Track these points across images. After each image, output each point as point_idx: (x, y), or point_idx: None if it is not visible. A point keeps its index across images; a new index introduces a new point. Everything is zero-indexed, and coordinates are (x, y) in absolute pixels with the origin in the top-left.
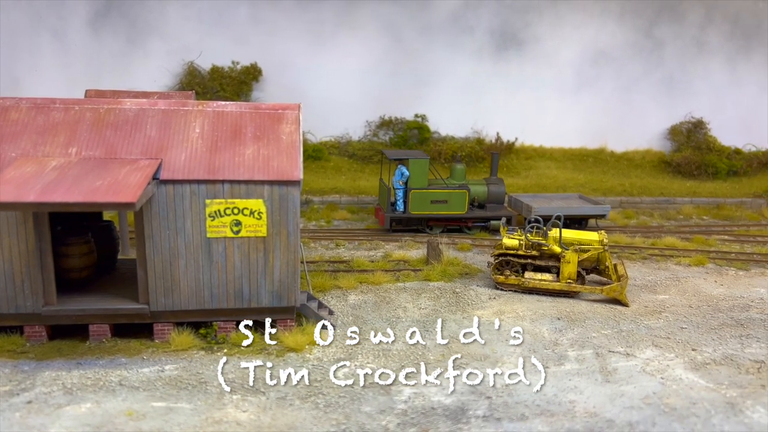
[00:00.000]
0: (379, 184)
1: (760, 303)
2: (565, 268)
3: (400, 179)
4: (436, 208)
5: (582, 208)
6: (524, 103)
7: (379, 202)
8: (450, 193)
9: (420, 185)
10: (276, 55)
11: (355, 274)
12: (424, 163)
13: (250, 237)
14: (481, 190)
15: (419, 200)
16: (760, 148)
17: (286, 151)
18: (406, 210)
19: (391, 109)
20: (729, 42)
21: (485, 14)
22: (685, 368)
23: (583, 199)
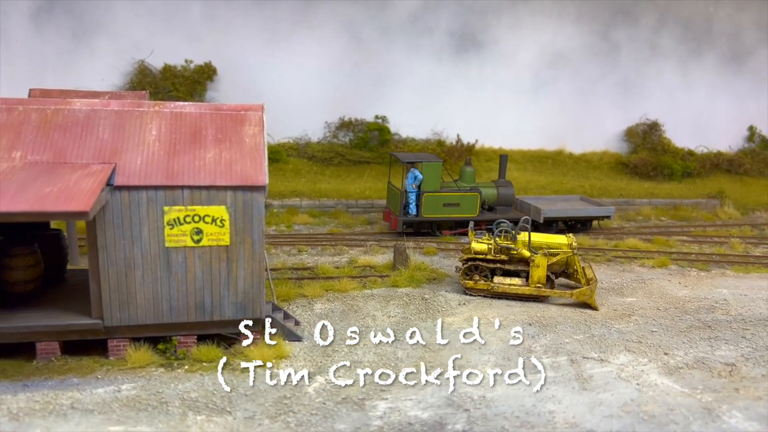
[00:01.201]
0: (387, 187)
1: (724, 304)
2: (535, 272)
3: (413, 182)
4: (449, 211)
5: (588, 209)
6: (484, 105)
7: (388, 205)
8: (462, 196)
9: (433, 188)
10: (231, 54)
11: (320, 281)
12: (437, 166)
13: (212, 246)
14: (490, 193)
15: (432, 203)
16: (711, 149)
17: (249, 154)
18: (418, 213)
19: (351, 110)
20: (681, 45)
21: (444, 15)
22: (660, 373)
23: (585, 201)
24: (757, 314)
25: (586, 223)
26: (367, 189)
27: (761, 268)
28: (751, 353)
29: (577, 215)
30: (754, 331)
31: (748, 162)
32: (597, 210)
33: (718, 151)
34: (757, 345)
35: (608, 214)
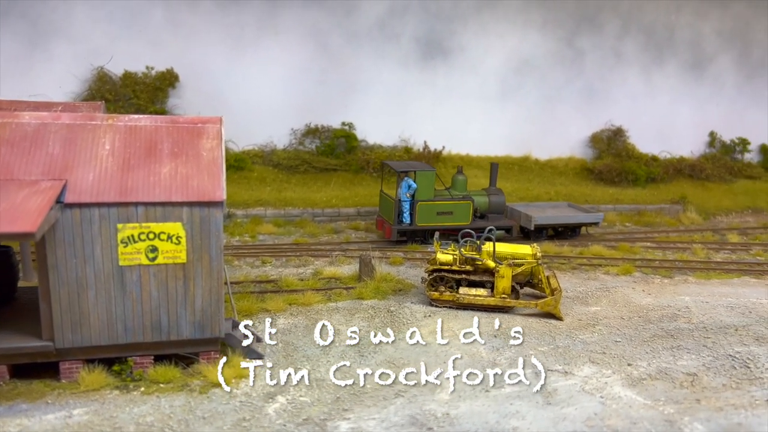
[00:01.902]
0: (380, 196)
1: (686, 312)
2: (500, 282)
3: (407, 191)
4: (442, 220)
5: (577, 216)
6: (451, 112)
7: (381, 213)
8: (455, 205)
9: (426, 197)
10: (194, 60)
11: (283, 294)
12: (430, 175)
13: (167, 264)
14: (482, 201)
15: (426, 212)
16: (674, 155)
17: (207, 168)
18: (412, 222)
19: (318, 117)
20: (644, 52)
21: (411, 22)
22: (623, 385)
23: (573, 207)
24: (718, 322)
25: (575, 230)
26: (333, 197)
27: (722, 274)
28: (712, 362)
29: (567, 222)
30: (715, 340)
31: (709, 167)
32: (586, 216)
33: (680, 156)
34: (718, 354)
35: (597, 220)
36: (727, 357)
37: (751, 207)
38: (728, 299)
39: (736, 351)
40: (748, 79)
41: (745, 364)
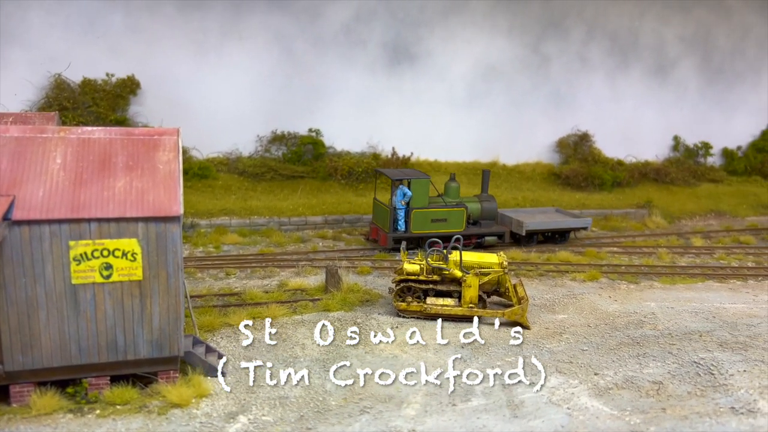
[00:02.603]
0: (373, 204)
1: (652, 318)
2: (467, 292)
3: (402, 199)
4: (436, 227)
5: (566, 221)
6: (419, 118)
7: (375, 221)
8: (449, 212)
9: (421, 204)
10: (156, 67)
11: (247, 308)
12: (425, 183)
13: (123, 281)
14: (475, 207)
15: (421, 219)
16: (639, 159)
17: (163, 182)
18: (407, 229)
19: (284, 123)
20: (609, 58)
21: (377, 27)
22: (590, 395)
23: (560, 213)
24: (683, 328)
25: (564, 235)
26: (300, 205)
27: (686, 279)
28: (677, 369)
29: (557, 227)
30: (680, 346)
31: (673, 171)
32: (575, 222)
33: (645, 160)
34: (683, 360)
35: (585, 225)
36: (692, 364)
37: (714, 210)
38: (693, 304)
39: (700, 357)
40: (710, 84)
41: (709, 370)
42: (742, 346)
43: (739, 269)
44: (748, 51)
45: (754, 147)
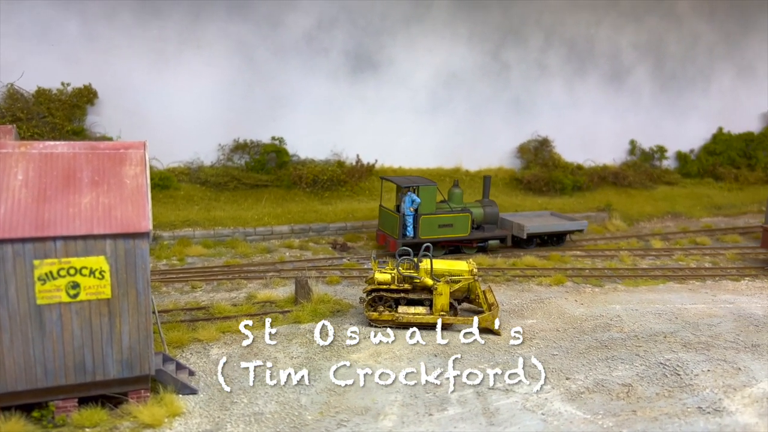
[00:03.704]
0: (379, 211)
1: (618, 321)
2: (438, 300)
3: (411, 206)
4: (443, 232)
5: (564, 224)
6: (382, 125)
7: (381, 227)
8: (455, 217)
9: (429, 210)
10: (113, 76)
11: (216, 322)
12: (432, 190)
13: (91, 300)
14: (478, 212)
15: (428, 225)
16: (598, 163)
17: (131, 197)
18: (416, 235)
19: (246, 132)
20: (566, 65)
21: (339, 36)
22: (563, 400)
23: (556, 216)
24: (648, 329)
25: (561, 238)
26: (265, 215)
27: (648, 281)
28: (645, 371)
29: (556, 230)
30: (646, 348)
31: (631, 174)
32: (572, 224)
33: (604, 164)
34: (650, 362)
35: (582, 227)
36: (659, 365)
37: (670, 212)
38: (656, 306)
39: (666, 359)
40: (663, 90)
41: (675, 371)
42: (704, 345)
43: (697, 270)
44: (698, 58)
45: (706, 150)
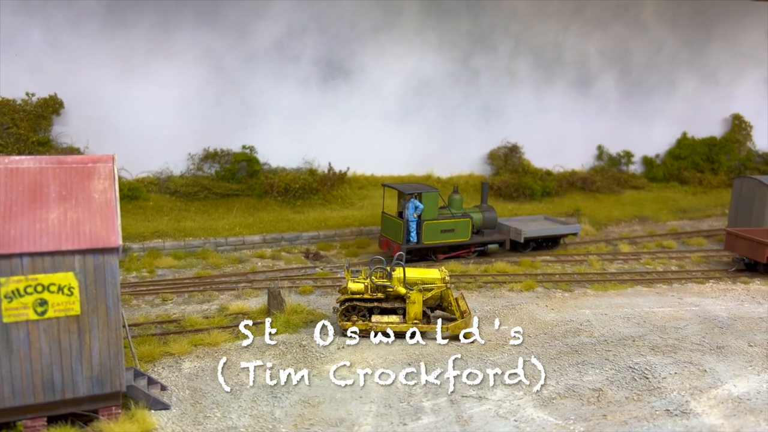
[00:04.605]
0: (381, 217)
1: (587, 326)
2: (411, 308)
3: (414, 212)
4: (445, 237)
5: (559, 228)
6: (353, 132)
7: (384, 233)
8: (456, 222)
9: (431, 216)
10: (80, 85)
11: (187, 335)
12: (435, 196)
13: (59, 317)
14: (477, 217)
15: (431, 230)
16: (566, 169)
17: (99, 212)
18: (419, 240)
19: (216, 141)
20: (535, 72)
21: (310, 43)
22: (535, 406)
23: (550, 220)
24: (617, 333)
25: (556, 241)
26: (237, 224)
27: (617, 285)
28: (615, 375)
29: (551, 233)
30: (615, 352)
31: (599, 179)
32: (566, 228)
33: (572, 170)
34: (620, 366)
35: (576, 231)
36: (628, 369)
37: (637, 216)
38: (624, 310)
39: (635, 362)
40: (629, 96)
41: (644, 375)
42: (671, 348)
43: (664, 273)
44: (662, 64)
45: (671, 154)
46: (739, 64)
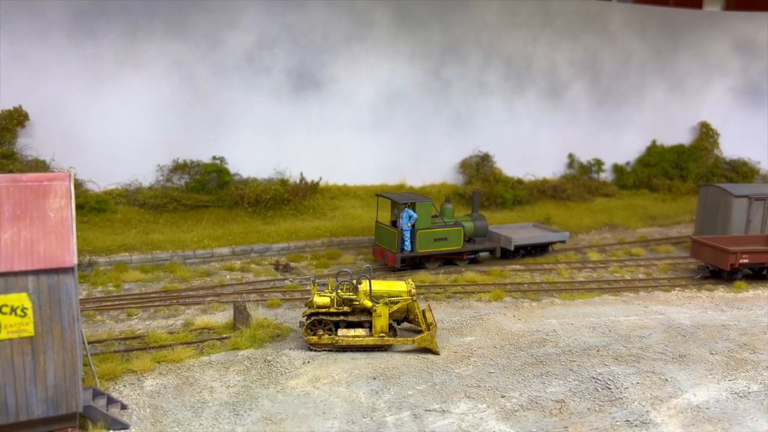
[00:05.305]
0: (376, 226)
1: (553, 336)
2: (377, 321)
3: (408, 221)
4: (438, 245)
5: (548, 235)
6: (326, 143)
7: (379, 242)
8: (449, 231)
9: (425, 225)
10: (46, 97)
11: (151, 351)
12: (428, 206)
13: (12, 339)
14: (469, 226)
15: (425, 239)
16: (538, 177)
17: (54, 231)
18: (413, 249)
19: (186, 152)
20: (505, 82)
21: (281, 54)
22: (497, 418)
23: (538, 227)
24: (583, 343)
25: (545, 248)
26: (206, 237)
27: (584, 294)
28: (578, 386)
29: (541, 241)
30: (580, 363)
31: (570, 187)
32: (555, 236)
33: (543, 178)
34: (583, 377)
35: (564, 238)
36: (591, 379)
37: (608, 223)
38: (591, 319)
39: (598, 373)
40: (599, 105)
41: (606, 385)
42: (635, 358)
43: (631, 281)
44: (631, 74)
45: (641, 162)
46: (706, 74)
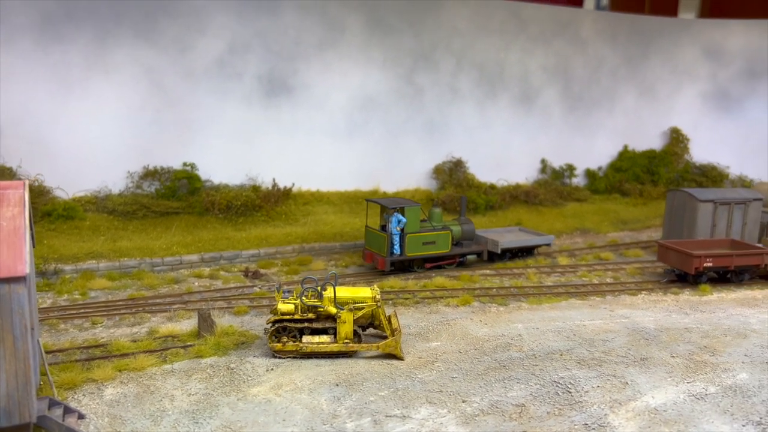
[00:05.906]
0: (365, 231)
1: (518, 340)
2: (342, 328)
3: (397, 225)
4: (426, 249)
5: (534, 239)
6: (299, 149)
7: (369, 246)
8: (437, 235)
9: (414, 229)
10: (12, 103)
11: (113, 360)
12: (417, 210)
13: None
14: (457, 230)
15: (414, 243)
16: (510, 182)
17: (6, 240)
18: (402, 252)
19: (156, 158)
20: (478, 88)
21: (252, 60)
22: (457, 423)
23: (524, 232)
24: (547, 348)
25: (531, 251)
26: (175, 244)
27: (552, 298)
28: (539, 390)
29: (527, 245)
30: (542, 367)
31: (542, 192)
32: (540, 239)
33: (516, 183)
34: (545, 381)
35: (549, 242)
36: (552, 383)
37: (579, 228)
38: (556, 323)
39: (560, 376)
40: (571, 110)
41: (567, 389)
42: (597, 362)
43: (599, 286)
44: (602, 80)
45: (613, 167)
46: (676, 80)
